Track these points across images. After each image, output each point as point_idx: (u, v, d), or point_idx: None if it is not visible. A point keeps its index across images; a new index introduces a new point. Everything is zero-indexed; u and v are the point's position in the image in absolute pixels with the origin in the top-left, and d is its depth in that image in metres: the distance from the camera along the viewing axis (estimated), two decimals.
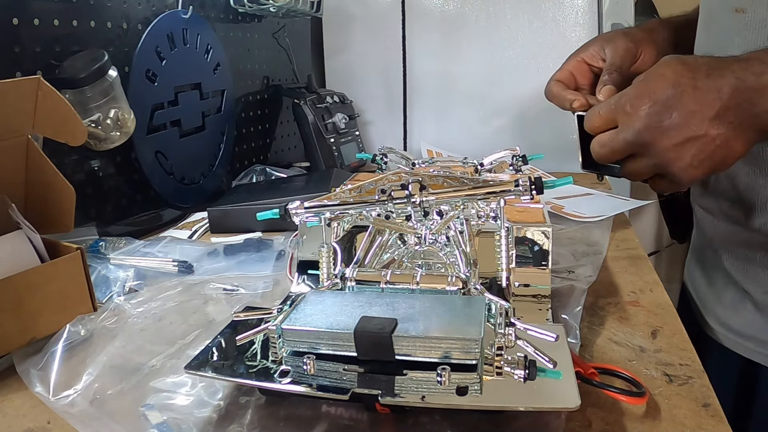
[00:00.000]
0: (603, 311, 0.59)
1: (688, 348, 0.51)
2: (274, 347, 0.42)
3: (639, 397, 0.42)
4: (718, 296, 0.71)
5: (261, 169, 1.17)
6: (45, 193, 0.62)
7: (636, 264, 0.72)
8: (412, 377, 0.39)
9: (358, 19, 1.40)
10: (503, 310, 0.42)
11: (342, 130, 1.26)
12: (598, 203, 0.95)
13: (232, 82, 1.12)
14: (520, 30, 1.31)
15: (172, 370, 0.50)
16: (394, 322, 0.40)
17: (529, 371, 0.38)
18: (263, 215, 0.55)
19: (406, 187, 0.51)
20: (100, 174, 0.85)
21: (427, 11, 1.35)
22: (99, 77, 0.76)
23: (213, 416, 0.43)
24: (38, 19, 0.73)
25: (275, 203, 0.57)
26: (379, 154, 0.81)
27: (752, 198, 0.62)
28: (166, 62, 0.94)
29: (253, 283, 0.68)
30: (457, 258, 0.51)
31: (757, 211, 0.62)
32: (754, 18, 0.57)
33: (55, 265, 0.57)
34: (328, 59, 1.46)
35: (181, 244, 0.81)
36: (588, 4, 1.27)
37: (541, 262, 0.56)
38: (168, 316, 0.61)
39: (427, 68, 1.38)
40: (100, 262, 0.73)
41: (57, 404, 0.46)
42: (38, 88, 0.58)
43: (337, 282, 0.50)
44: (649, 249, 1.90)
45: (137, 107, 0.85)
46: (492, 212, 0.53)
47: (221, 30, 1.11)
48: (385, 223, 0.54)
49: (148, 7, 0.91)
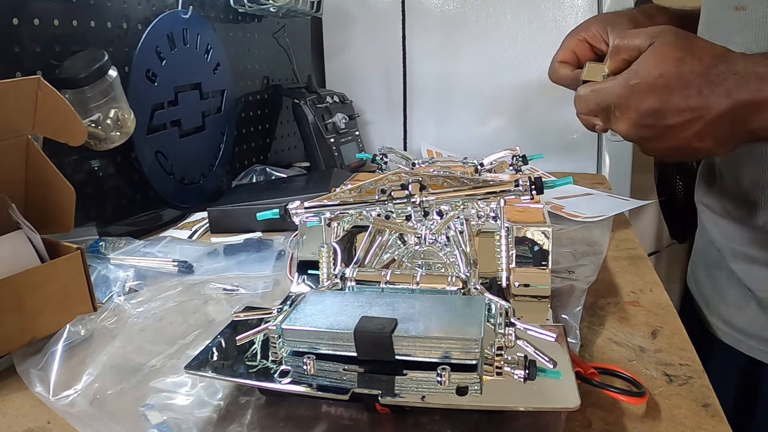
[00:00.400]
0: (603, 311, 0.59)
1: (688, 348, 0.51)
2: (274, 347, 0.42)
3: (639, 397, 0.42)
4: (722, 295, 0.71)
5: (261, 169, 1.17)
6: (45, 193, 0.62)
7: (636, 264, 0.72)
8: (412, 377, 0.39)
9: (358, 19, 1.40)
10: (503, 310, 0.42)
11: (342, 130, 1.26)
12: (598, 203, 0.95)
13: (232, 82, 1.12)
14: (520, 30, 1.31)
15: (172, 370, 0.50)
16: (394, 322, 0.40)
17: (529, 371, 0.38)
18: (263, 215, 0.55)
19: (406, 187, 0.51)
20: (100, 174, 0.85)
21: (427, 11, 1.35)
22: (99, 77, 0.76)
23: (213, 416, 0.43)
24: (38, 19, 0.73)
25: (275, 203, 0.57)
26: (379, 154, 0.81)
27: (757, 196, 0.62)
28: (166, 62, 0.94)
29: (253, 283, 0.68)
30: (457, 258, 0.51)
31: (762, 209, 0.61)
32: (754, 15, 0.57)
33: (55, 265, 0.57)
34: (328, 59, 1.47)
35: (181, 244, 0.81)
36: (588, 4, 1.27)
37: (541, 262, 0.56)
38: (168, 316, 0.61)
39: (427, 68, 1.38)
40: (100, 262, 0.73)
41: (57, 404, 0.45)
42: (38, 88, 0.58)
43: (337, 282, 0.50)
44: (649, 249, 1.90)
45: (137, 107, 0.85)
46: (492, 212, 0.53)
47: (221, 30, 1.11)
48: (385, 223, 0.54)
49: (148, 7, 0.91)
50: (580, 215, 0.87)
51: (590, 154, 1.35)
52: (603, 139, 1.33)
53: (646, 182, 1.78)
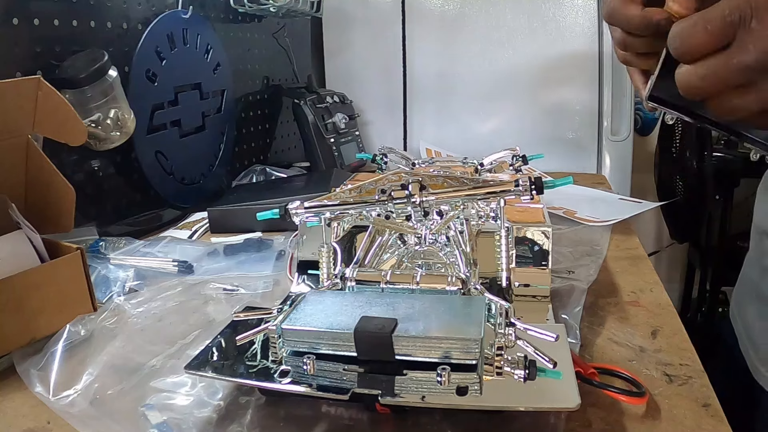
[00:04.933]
0: (603, 311, 0.59)
1: (688, 348, 0.51)
2: (274, 347, 0.42)
3: (639, 397, 0.42)
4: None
5: (261, 169, 1.17)
6: (45, 193, 0.62)
7: (636, 264, 0.71)
8: (412, 377, 0.39)
9: (358, 19, 1.40)
10: (503, 310, 0.42)
11: (342, 130, 1.26)
12: (609, 207, 0.94)
13: (232, 82, 1.12)
14: (520, 30, 1.31)
15: (172, 370, 0.50)
16: (394, 322, 0.40)
17: (529, 371, 0.38)
18: (263, 215, 0.55)
19: (406, 187, 0.51)
20: (100, 174, 0.85)
21: (427, 11, 1.35)
22: (99, 77, 0.76)
23: (213, 416, 0.43)
24: (38, 19, 0.73)
25: (275, 203, 0.57)
26: (379, 154, 0.81)
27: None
28: (166, 62, 0.93)
29: (253, 283, 0.68)
30: (457, 258, 0.51)
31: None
32: None
33: (55, 265, 0.57)
34: (328, 59, 1.47)
35: (181, 244, 0.81)
36: (588, 4, 1.27)
37: (541, 262, 0.56)
38: (168, 316, 0.61)
39: (427, 68, 1.38)
40: (100, 262, 0.73)
41: (57, 404, 0.45)
42: (38, 88, 0.58)
43: (337, 282, 0.50)
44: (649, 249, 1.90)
45: (137, 107, 0.85)
46: (492, 212, 0.53)
47: (221, 30, 1.11)
48: (385, 223, 0.54)
49: (148, 7, 0.91)
50: (593, 219, 0.87)
51: (590, 154, 1.35)
52: (603, 139, 1.33)
53: (646, 182, 1.78)
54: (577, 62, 1.31)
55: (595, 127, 1.33)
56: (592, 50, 1.29)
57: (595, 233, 0.81)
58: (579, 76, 1.31)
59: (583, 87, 1.31)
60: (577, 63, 1.31)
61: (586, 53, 1.30)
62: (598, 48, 1.29)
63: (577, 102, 1.32)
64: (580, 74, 1.31)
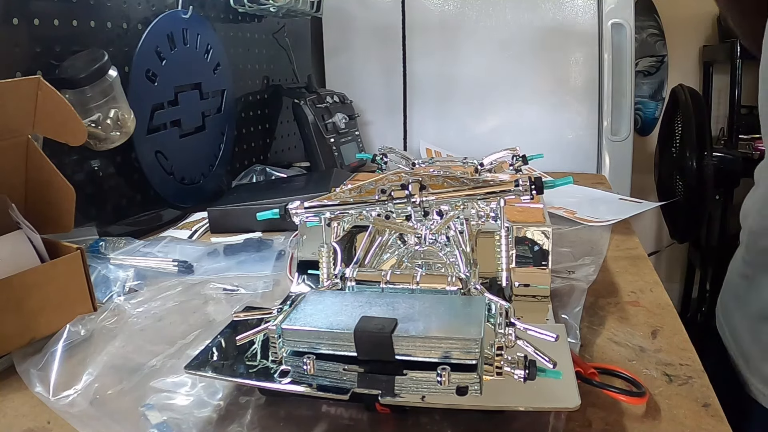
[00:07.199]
0: (603, 311, 0.59)
1: (688, 348, 0.51)
2: (274, 347, 0.42)
3: (639, 397, 0.42)
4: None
5: (261, 169, 1.17)
6: (45, 193, 0.62)
7: (636, 264, 0.71)
8: (412, 377, 0.39)
9: (358, 19, 1.40)
10: (503, 310, 0.42)
11: (342, 130, 1.26)
12: (609, 207, 0.94)
13: (232, 82, 1.12)
14: (520, 30, 1.31)
15: (172, 370, 0.50)
16: (394, 322, 0.40)
17: (529, 371, 0.38)
18: (263, 215, 0.55)
19: (406, 187, 0.51)
20: (100, 174, 0.85)
21: (427, 11, 1.35)
22: (99, 77, 0.76)
23: (213, 416, 0.43)
24: (38, 19, 0.73)
25: (275, 203, 0.57)
26: (379, 154, 0.81)
27: None
28: (166, 62, 0.93)
29: (253, 283, 0.68)
30: (457, 258, 0.51)
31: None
32: None
33: (55, 265, 0.57)
34: (328, 59, 1.47)
35: (181, 244, 0.81)
36: (588, 4, 1.27)
37: (541, 262, 0.56)
38: (168, 316, 0.61)
39: (427, 68, 1.38)
40: (100, 262, 0.73)
41: (57, 404, 0.45)
42: (38, 88, 0.58)
43: (337, 282, 0.50)
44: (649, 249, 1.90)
45: (137, 107, 0.85)
46: (492, 212, 0.53)
47: (221, 30, 1.11)
48: (385, 223, 0.54)
49: (148, 7, 0.91)
50: (593, 219, 0.87)
51: (590, 154, 1.35)
52: (603, 139, 1.33)
53: (646, 182, 1.78)
54: (577, 62, 1.31)
55: (595, 127, 1.33)
56: (593, 50, 1.29)
57: (595, 233, 0.81)
58: (579, 75, 1.32)
59: (584, 87, 1.31)
60: (577, 63, 1.31)
61: (587, 53, 1.30)
62: (599, 48, 1.29)
63: (577, 102, 1.32)
64: (580, 74, 1.31)
